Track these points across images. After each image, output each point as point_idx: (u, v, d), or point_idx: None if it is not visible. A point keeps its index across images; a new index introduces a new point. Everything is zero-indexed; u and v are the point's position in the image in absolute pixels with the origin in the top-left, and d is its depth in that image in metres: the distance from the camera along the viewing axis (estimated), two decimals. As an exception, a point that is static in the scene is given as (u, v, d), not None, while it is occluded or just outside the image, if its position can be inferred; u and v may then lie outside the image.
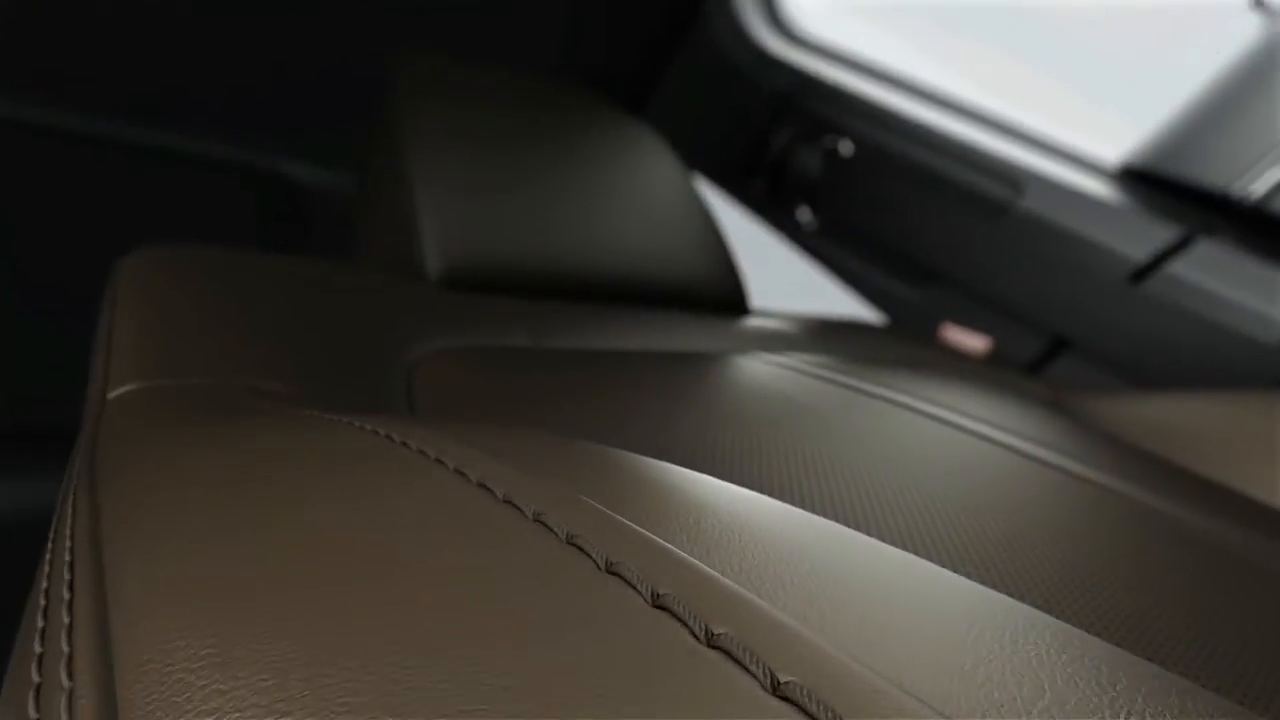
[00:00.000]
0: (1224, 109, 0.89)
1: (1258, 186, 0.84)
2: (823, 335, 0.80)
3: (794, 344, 0.75)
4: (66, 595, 0.16)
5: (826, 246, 1.08)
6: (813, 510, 0.29)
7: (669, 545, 0.14)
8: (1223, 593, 0.32)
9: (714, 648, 0.12)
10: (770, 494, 0.28)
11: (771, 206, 1.13)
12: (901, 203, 1.01)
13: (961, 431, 0.49)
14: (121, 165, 0.93)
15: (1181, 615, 0.28)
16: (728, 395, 0.48)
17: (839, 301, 1.06)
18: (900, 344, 0.85)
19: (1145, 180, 0.94)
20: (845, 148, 1.04)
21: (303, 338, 0.41)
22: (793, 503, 0.28)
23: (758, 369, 0.59)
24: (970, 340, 0.91)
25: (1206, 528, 0.41)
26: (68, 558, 0.17)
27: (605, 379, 0.47)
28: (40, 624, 0.15)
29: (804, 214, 1.09)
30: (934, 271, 0.99)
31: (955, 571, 0.25)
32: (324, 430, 0.22)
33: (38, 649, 0.15)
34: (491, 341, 0.52)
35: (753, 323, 0.79)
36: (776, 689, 0.11)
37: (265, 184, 1.03)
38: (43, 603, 0.16)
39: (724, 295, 0.83)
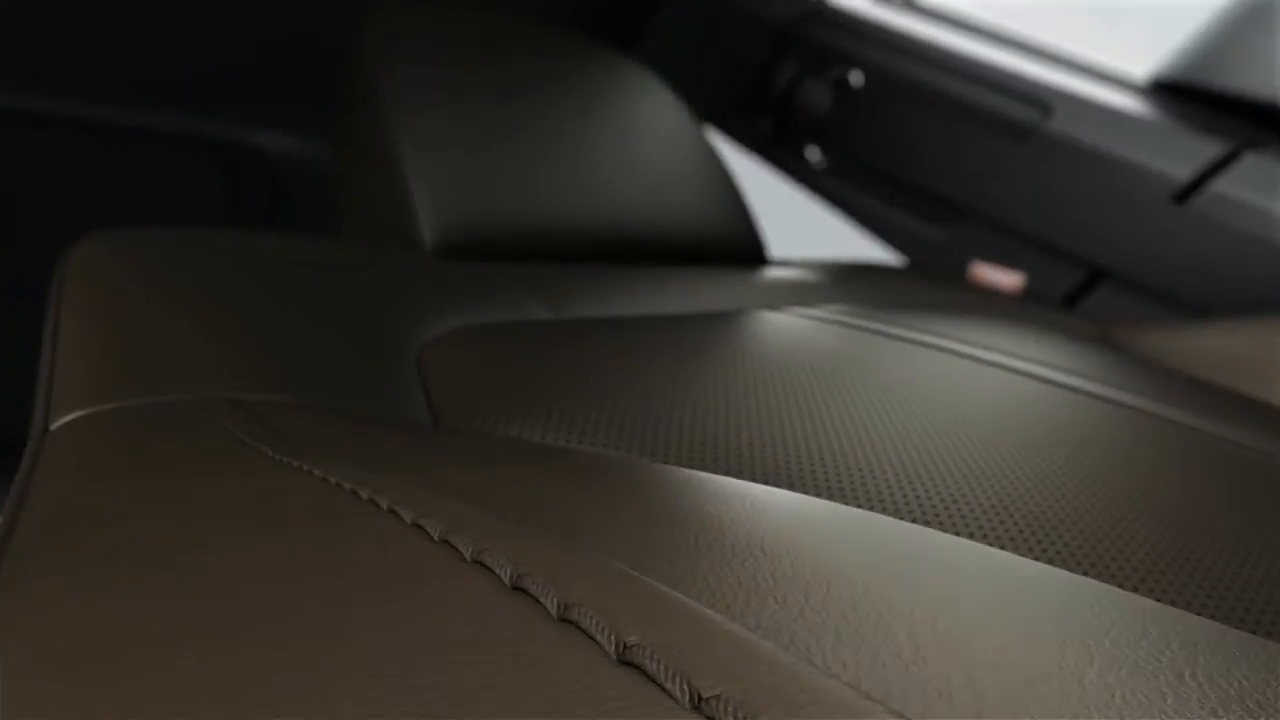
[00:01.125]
0: (1264, 12, 0.82)
1: (1308, 92, 0.78)
2: (851, 282, 0.75)
3: (824, 294, 0.69)
4: None
5: (839, 187, 1.01)
6: (868, 467, 0.29)
7: (589, 558, 0.13)
8: None
9: (625, 663, 0.11)
10: (824, 455, 0.29)
11: (777, 148, 1.06)
12: (919, 134, 0.94)
13: (1009, 372, 0.47)
14: (74, 145, 0.85)
15: (1241, 539, 0.27)
16: (769, 355, 0.44)
17: (855, 246, 1.00)
18: (930, 286, 0.79)
19: (1179, 93, 0.88)
20: (855, 78, 0.97)
21: (288, 331, 0.35)
22: (848, 462, 0.28)
23: (793, 324, 0.54)
24: (1002, 277, 0.86)
25: (1271, 451, 0.40)
26: None
27: (637, 350, 0.42)
28: None
29: (813, 153, 1.03)
30: (958, 206, 0.93)
31: (1011, 513, 0.26)
32: (283, 485, 0.19)
33: None
34: (507, 316, 0.46)
35: (775, 274, 0.74)
36: (698, 705, 0.10)
37: (233, 157, 0.96)
38: None
39: (741, 246, 0.77)
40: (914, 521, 0.26)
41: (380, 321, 0.40)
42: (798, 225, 1.01)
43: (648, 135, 0.75)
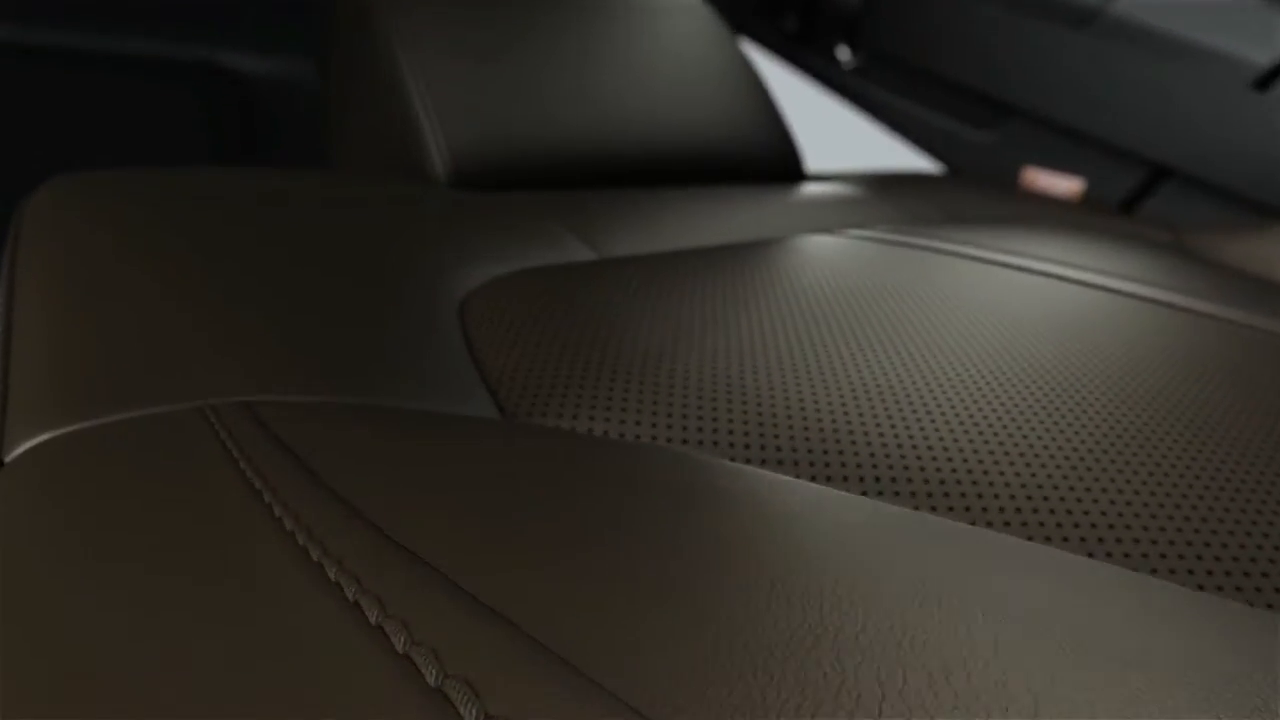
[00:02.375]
0: None
1: None
2: (901, 195, 0.68)
3: (876, 211, 0.63)
4: None
5: (871, 89, 0.93)
6: (941, 396, 0.27)
7: (544, 661, 0.12)
8: None
9: None
10: (893, 391, 0.27)
11: (804, 48, 0.97)
12: (962, 24, 0.85)
13: (1080, 285, 0.44)
14: (31, 75, 0.76)
15: None
16: (833, 287, 0.39)
17: (889, 156, 0.92)
18: (986, 197, 0.73)
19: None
20: (890, -36, 0.88)
21: (305, 302, 0.29)
22: (916, 393, 0.27)
23: (852, 249, 0.48)
24: (1059, 183, 0.79)
25: None
26: None
27: (696, 298, 0.36)
28: None
29: (843, 52, 0.94)
30: (1004, 105, 0.85)
31: (1081, 435, 0.25)
32: (241, 538, 0.16)
33: None
34: (548, 258, 0.40)
35: (818, 191, 0.67)
36: None
37: (205, 81, 0.87)
38: None
39: (778, 161, 0.70)
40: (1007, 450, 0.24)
41: (410, 272, 0.34)
42: (827, 134, 0.93)
43: (673, 44, 0.67)
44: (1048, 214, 0.69)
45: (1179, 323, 0.40)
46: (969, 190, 0.74)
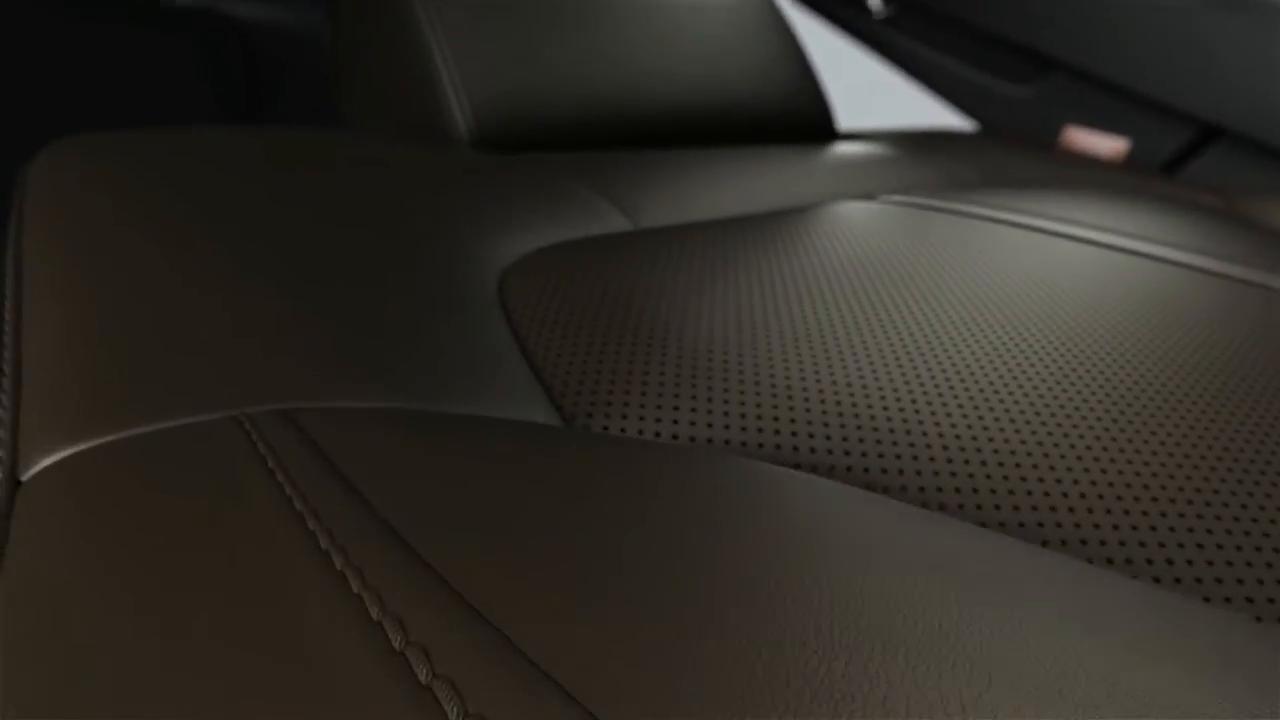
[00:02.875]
0: None
1: None
2: (941, 156, 0.65)
3: (910, 174, 0.60)
4: None
5: (904, 40, 0.89)
6: (995, 381, 0.26)
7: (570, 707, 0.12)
8: None
9: None
10: (948, 378, 0.26)
11: (832, -5, 0.92)
12: (1003, -28, 0.81)
13: (1126, 254, 0.42)
14: (26, 27, 0.73)
15: None
16: (882, 262, 0.37)
17: (924, 111, 0.88)
18: (1022, 157, 0.69)
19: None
20: (927, -94, 0.83)
21: (328, 276, 0.26)
22: (973, 380, 0.25)
23: (889, 216, 0.46)
24: (1101, 143, 0.75)
25: None
26: None
27: (741, 267, 0.34)
28: None
29: (874, 1, 0.89)
30: (1045, 58, 0.81)
31: (1136, 426, 0.23)
32: (270, 548, 0.15)
33: None
34: (583, 228, 0.38)
35: (851, 152, 0.64)
36: None
37: (207, 30, 0.83)
38: None
39: (809, 119, 0.67)
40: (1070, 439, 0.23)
41: (441, 244, 0.31)
42: (856, 88, 0.89)
43: None
44: (1089, 176, 0.66)
45: (1234, 295, 0.38)
46: (1006, 151, 0.70)
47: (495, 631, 0.13)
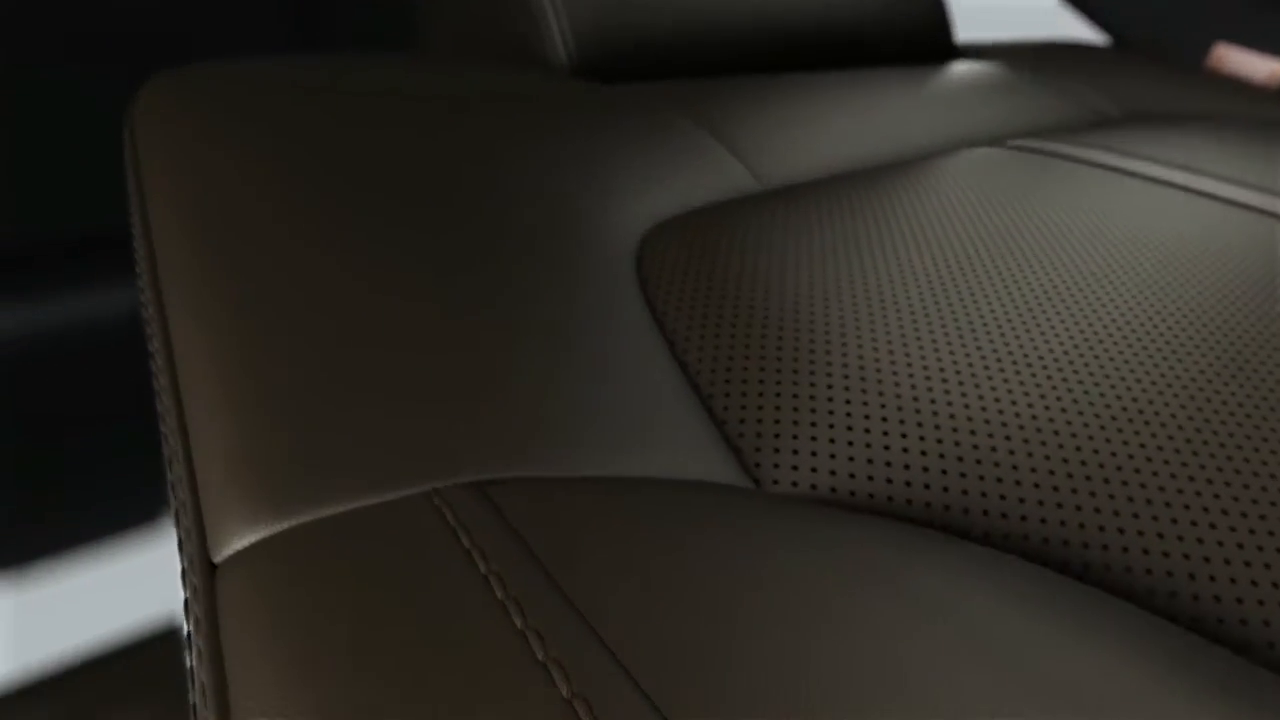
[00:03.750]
0: None
1: None
2: (1065, 82, 0.59)
3: (1042, 106, 0.54)
4: None
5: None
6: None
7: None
8: None
9: None
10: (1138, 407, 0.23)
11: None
12: None
13: None
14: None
15: None
16: (1014, 234, 0.34)
17: (1048, 21, 0.80)
18: (1164, 83, 0.62)
19: None
20: None
21: (485, 293, 0.23)
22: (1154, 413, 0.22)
23: (1027, 169, 0.42)
24: (1257, 65, 0.67)
25: None
26: None
27: (886, 249, 0.31)
28: None
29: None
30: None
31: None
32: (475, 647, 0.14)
33: None
34: (705, 187, 0.35)
35: (975, 77, 0.58)
36: None
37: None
38: None
39: (926, 34, 0.61)
40: None
41: (579, 222, 0.29)
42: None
43: None
44: (1242, 107, 0.59)
45: None
46: (1146, 73, 0.63)
47: None
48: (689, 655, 0.13)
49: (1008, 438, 0.21)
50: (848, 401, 0.22)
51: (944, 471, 0.20)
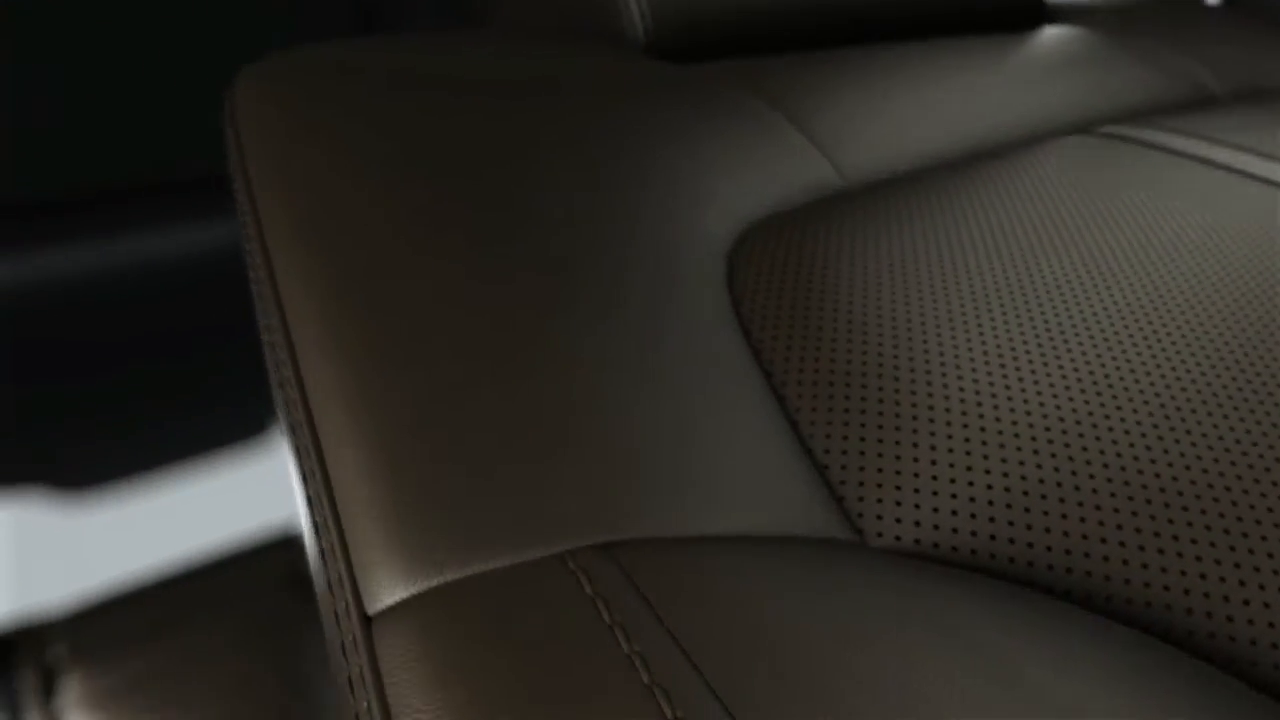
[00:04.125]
0: None
1: None
2: (1164, 50, 0.56)
3: (1140, 80, 0.52)
4: None
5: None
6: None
7: None
8: None
9: None
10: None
11: None
12: None
13: None
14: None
15: None
16: (1111, 244, 0.33)
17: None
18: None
19: None
20: None
21: (605, 334, 0.24)
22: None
23: (1119, 163, 0.40)
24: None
25: None
26: None
27: (980, 260, 0.30)
28: None
29: None
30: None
31: None
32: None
33: None
34: (787, 181, 0.34)
35: (1066, 47, 0.55)
36: None
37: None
38: None
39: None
40: None
41: (666, 232, 0.29)
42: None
43: None
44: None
45: None
46: (1257, 39, 0.59)
47: None
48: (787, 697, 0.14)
49: (1118, 490, 0.21)
50: (950, 450, 0.22)
51: (1047, 530, 0.20)
